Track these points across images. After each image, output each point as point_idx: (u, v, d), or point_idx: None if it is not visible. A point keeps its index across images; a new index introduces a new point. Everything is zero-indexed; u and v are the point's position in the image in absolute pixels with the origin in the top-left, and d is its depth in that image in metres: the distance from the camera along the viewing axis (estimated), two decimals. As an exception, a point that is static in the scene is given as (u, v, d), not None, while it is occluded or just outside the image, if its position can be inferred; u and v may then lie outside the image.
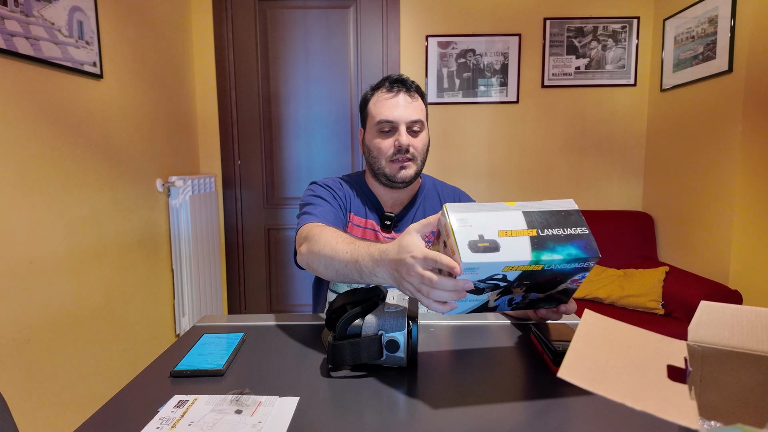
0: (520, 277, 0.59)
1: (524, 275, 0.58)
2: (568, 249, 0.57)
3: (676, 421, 0.34)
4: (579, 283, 0.63)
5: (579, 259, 0.57)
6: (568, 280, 0.62)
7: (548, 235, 0.58)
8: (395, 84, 0.99)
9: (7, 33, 1.19)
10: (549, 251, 0.56)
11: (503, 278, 0.59)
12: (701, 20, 2.02)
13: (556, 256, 0.56)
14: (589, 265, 0.59)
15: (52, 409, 1.35)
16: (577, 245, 0.58)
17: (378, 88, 1.01)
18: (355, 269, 0.71)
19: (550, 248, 0.57)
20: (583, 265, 0.58)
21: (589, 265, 0.59)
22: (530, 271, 0.57)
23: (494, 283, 0.59)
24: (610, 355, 0.43)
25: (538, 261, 0.56)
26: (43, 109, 1.34)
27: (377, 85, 1.01)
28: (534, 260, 0.56)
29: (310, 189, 1.04)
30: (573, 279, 0.62)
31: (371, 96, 1.01)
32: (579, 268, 0.59)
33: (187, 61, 2.33)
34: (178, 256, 2.08)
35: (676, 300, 1.89)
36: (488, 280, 0.59)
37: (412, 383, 0.64)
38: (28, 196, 1.27)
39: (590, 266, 0.59)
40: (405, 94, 0.98)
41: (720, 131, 1.94)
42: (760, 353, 0.45)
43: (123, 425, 0.54)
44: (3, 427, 0.54)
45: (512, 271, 0.57)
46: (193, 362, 0.69)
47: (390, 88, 0.98)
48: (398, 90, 0.98)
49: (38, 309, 1.31)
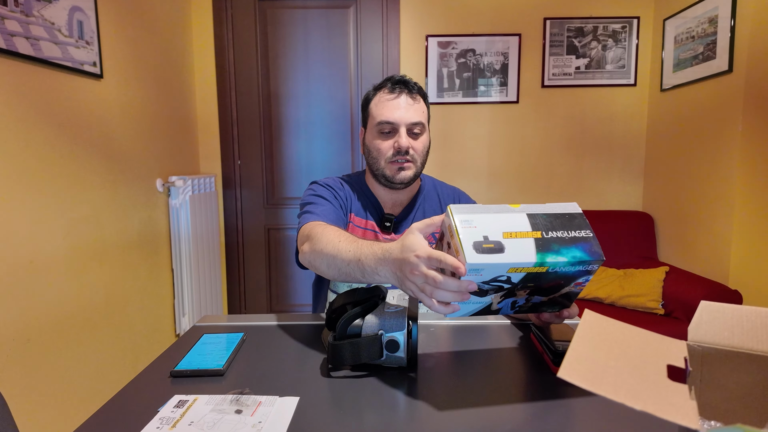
0: (524, 279, 0.59)
1: (529, 277, 0.58)
2: (573, 251, 0.57)
3: (676, 421, 0.34)
4: (582, 286, 0.63)
5: (583, 262, 0.57)
6: (572, 284, 0.62)
7: (553, 238, 0.58)
8: (397, 85, 0.98)
9: (7, 33, 1.19)
10: (554, 253, 0.57)
11: (507, 280, 0.59)
12: (701, 20, 2.02)
13: (561, 258, 0.56)
14: (593, 268, 0.59)
15: (52, 408, 1.35)
16: (581, 248, 0.58)
17: (380, 89, 1.00)
18: (358, 268, 0.71)
19: (554, 250, 0.57)
20: (587, 268, 0.59)
21: (593, 268, 0.59)
22: (535, 273, 0.57)
23: (498, 285, 0.59)
24: (610, 355, 0.43)
25: (543, 263, 0.56)
26: (43, 108, 1.34)
27: (379, 85, 1.01)
28: (539, 262, 0.56)
29: (310, 188, 1.04)
30: (577, 282, 0.62)
31: (373, 96, 1.01)
32: (583, 271, 0.59)
33: (187, 61, 2.33)
34: (178, 256, 2.08)
35: (676, 300, 1.89)
36: (492, 281, 0.59)
37: (412, 383, 0.64)
38: (28, 196, 1.27)
39: (594, 269, 0.59)
40: (407, 96, 0.98)
41: (720, 131, 1.94)
42: (760, 353, 0.45)
43: (123, 425, 0.54)
44: (3, 427, 0.54)
45: (517, 273, 0.57)
46: (193, 362, 0.69)
47: (392, 89, 0.98)
48: (400, 91, 0.98)
49: (38, 309, 1.31)
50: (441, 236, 0.64)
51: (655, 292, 1.96)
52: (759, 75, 1.78)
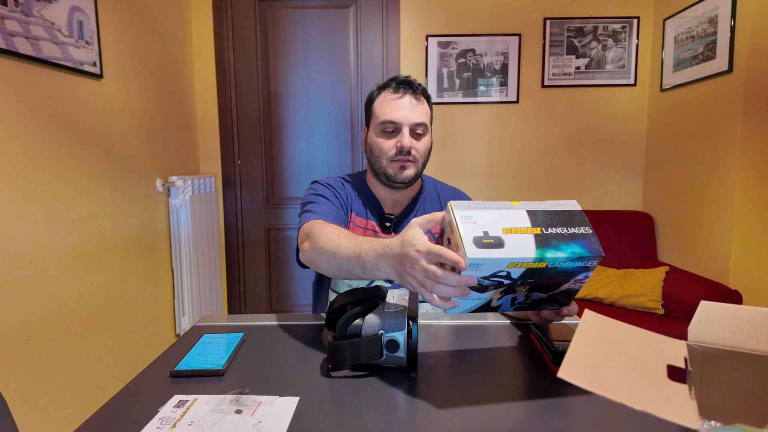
0: (524, 275, 0.59)
1: (528, 273, 0.58)
2: (572, 247, 0.58)
3: (676, 420, 0.34)
4: (582, 283, 0.64)
5: (583, 258, 0.58)
6: (571, 280, 0.62)
7: (552, 233, 0.58)
8: (402, 85, 0.99)
9: (7, 33, 1.19)
10: (553, 249, 0.57)
11: (507, 275, 0.59)
12: (701, 20, 2.02)
13: (561, 254, 0.57)
14: (592, 264, 0.59)
15: (52, 408, 1.35)
16: (581, 244, 0.58)
17: (384, 88, 1.01)
18: (358, 264, 0.71)
19: (554, 246, 0.57)
20: (586, 264, 0.59)
21: (592, 264, 0.59)
22: (534, 269, 0.58)
23: (498, 280, 0.59)
24: (610, 355, 0.43)
25: (543, 258, 0.56)
26: (43, 108, 1.34)
27: (384, 85, 1.02)
28: (539, 257, 0.56)
29: (311, 188, 1.04)
30: (576, 279, 0.62)
31: (377, 95, 1.01)
32: (582, 267, 0.59)
33: (187, 61, 2.33)
34: (178, 256, 2.08)
35: (676, 300, 1.89)
36: (492, 277, 0.59)
37: (412, 383, 0.64)
38: (28, 196, 1.27)
39: (593, 266, 0.60)
40: (411, 96, 0.98)
41: (720, 131, 1.94)
42: (760, 353, 0.45)
43: (123, 425, 0.54)
44: (3, 426, 0.54)
45: (516, 269, 0.57)
46: (193, 362, 0.69)
47: (396, 89, 0.98)
48: (404, 91, 0.98)
49: (38, 308, 1.31)
50: (441, 233, 0.65)
51: (655, 292, 1.96)
52: (759, 75, 1.78)
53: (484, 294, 0.62)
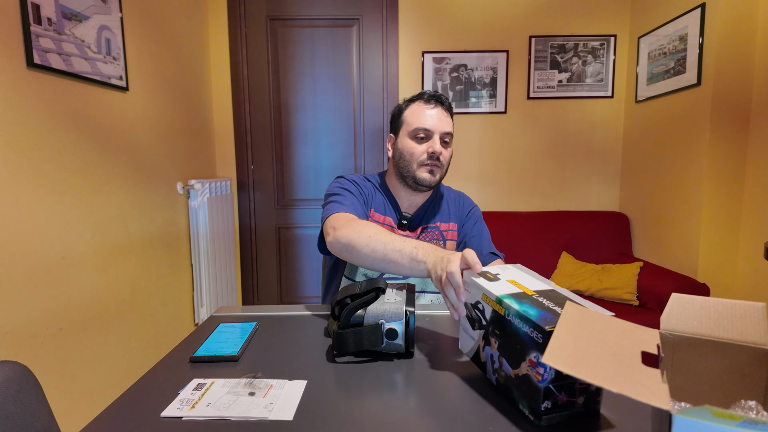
0: (492, 319, 0.56)
1: (495, 318, 0.55)
2: (528, 309, 0.51)
3: (650, 402, 0.35)
4: (541, 376, 0.48)
5: (529, 321, 0.49)
6: (527, 358, 0.50)
7: (534, 300, 0.54)
8: (432, 98, 1.00)
9: (41, 49, 1.19)
10: (516, 301, 0.53)
11: (482, 311, 0.58)
12: (672, 38, 2.02)
13: (514, 306, 0.52)
14: (537, 337, 0.48)
15: (82, 391, 1.35)
16: (537, 311, 0.51)
17: (415, 100, 1.01)
18: (408, 255, 0.75)
19: (519, 300, 0.53)
20: (532, 335, 0.49)
21: (537, 337, 0.48)
22: (498, 314, 0.55)
23: (478, 315, 0.59)
24: (590, 343, 0.43)
25: (501, 300, 0.54)
26: (74, 118, 1.33)
27: (414, 97, 1.02)
28: (499, 298, 0.55)
29: (337, 181, 1.04)
30: (531, 359, 0.49)
31: (406, 107, 1.02)
32: (530, 337, 0.49)
33: (205, 75, 2.33)
34: (197, 253, 2.07)
35: (650, 292, 1.89)
36: (475, 307, 0.60)
37: (410, 368, 0.64)
38: (60, 198, 1.27)
39: (541, 347, 0.47)
40: (441, 109, 0.99)
41: (689, 139, 1.94)
42: (726, 341, 0.45)
43: (147, 406, 0.54)
44: (38, 407, 0.54)
45: (487, 305, 0.57)
46: (211, 349, 0.69)
47: (428, 101, 0.99)
48: (436, 104, 0.99)
49: (69, 301, 1.31)
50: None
51: (631, 285, 1.96)
52: (725, 88, 1.78)
53: (474, 332, 0.61)
